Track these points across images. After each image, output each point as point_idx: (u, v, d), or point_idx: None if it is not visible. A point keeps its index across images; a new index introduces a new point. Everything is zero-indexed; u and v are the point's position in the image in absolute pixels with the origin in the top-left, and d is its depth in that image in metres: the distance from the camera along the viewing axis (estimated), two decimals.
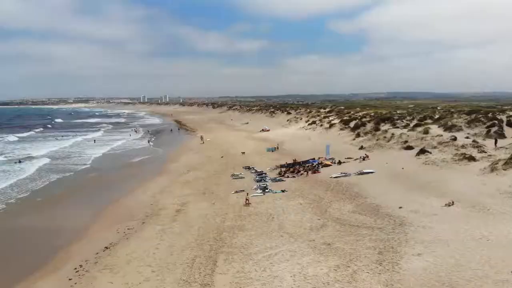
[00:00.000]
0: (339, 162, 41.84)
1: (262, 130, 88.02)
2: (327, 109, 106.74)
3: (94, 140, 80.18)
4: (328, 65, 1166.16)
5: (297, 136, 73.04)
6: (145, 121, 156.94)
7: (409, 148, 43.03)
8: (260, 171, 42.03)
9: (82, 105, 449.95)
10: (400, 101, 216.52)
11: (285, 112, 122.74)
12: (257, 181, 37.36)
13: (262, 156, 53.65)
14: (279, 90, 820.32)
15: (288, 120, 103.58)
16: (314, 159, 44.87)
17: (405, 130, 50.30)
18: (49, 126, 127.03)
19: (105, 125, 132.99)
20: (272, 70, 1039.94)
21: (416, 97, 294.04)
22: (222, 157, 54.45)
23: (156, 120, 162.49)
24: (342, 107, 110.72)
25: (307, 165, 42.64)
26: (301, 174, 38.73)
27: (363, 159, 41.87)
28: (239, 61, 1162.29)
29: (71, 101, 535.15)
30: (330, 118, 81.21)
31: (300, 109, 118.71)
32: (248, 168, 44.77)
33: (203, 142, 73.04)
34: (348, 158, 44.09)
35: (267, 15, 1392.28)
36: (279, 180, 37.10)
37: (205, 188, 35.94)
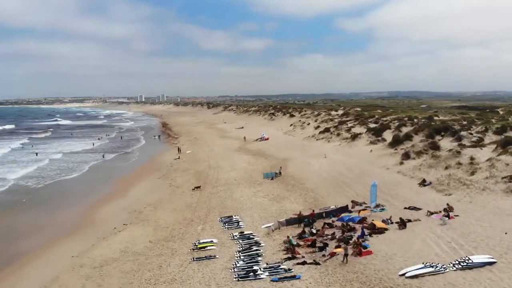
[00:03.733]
0: (402, 223, 21.46)
1: (260, 138, 68.04)
2: (340, 111, 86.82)
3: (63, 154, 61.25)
4: (332, 64, 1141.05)
5: (306, 150, 53.08)
6: (134, 124, 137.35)
7: None
8: (249, 235, 22.43)
9: (77, 104, 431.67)
10: (408, 101, 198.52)
11: (288, 114, 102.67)
12: (240, 277, 17.63)
13: (256, 189, 34.06)
14: (279, 89, 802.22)
15: (292, 125, 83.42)
16: (348, 210, 24.86)
17: (490, 152, 30.36)
18: (52, 129, 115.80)
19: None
20: (274, 69, 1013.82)
21: (418, 96, 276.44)
22: (194, 189, 35.32)
23: (142, 123, 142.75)
24: (359, 109, 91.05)
25: (340, 224, 22.86)
26: (330, 254, 18.76)
27: (447, 216, 21.71)
28: (242, 60, 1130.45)
29: (67, 100, 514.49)
30: (350, 125, 61.13)
31: (305, 111, 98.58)
32: (230, 221, 25.40)
33: (179, 157, 53.94)
34: (411, 208, 24.16)
35: (274, 13, 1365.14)
36: (286, 277, 17.19)
37: None
